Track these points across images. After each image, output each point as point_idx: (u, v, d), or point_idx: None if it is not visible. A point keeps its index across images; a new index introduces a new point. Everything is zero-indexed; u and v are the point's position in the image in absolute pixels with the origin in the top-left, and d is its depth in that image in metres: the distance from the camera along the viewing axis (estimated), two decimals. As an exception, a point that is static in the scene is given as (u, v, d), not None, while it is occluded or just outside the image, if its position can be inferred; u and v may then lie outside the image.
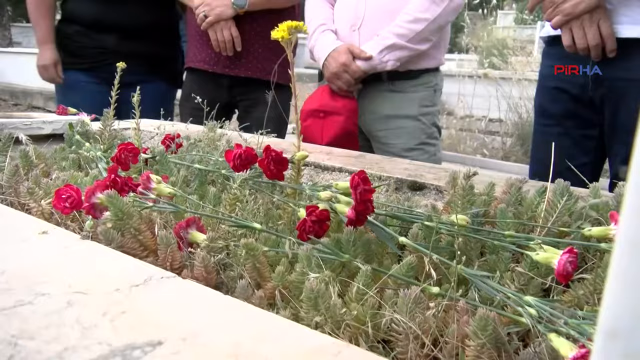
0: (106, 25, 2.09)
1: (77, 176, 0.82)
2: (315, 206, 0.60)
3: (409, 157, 1.45)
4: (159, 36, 2.20)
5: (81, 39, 2.12)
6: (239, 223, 0.57)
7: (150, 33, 2.16)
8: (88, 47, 2.12)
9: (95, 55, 2.11)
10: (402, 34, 1.50)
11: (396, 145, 1.59)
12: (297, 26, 0.58)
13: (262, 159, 0.66)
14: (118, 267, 0.47)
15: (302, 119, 1.56)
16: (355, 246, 0.60)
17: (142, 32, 2.13)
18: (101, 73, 2.10)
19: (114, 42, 2.10)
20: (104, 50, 2.10)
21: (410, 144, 1.58)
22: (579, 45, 1.27)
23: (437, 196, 0.91)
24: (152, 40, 2.16)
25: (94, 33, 2.10)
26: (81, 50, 2.12)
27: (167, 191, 0.61)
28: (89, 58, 2.12)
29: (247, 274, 0.55)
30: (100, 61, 2.11)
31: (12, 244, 0.50)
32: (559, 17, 1.25)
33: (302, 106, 1.64)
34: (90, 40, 2.11)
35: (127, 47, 2.09)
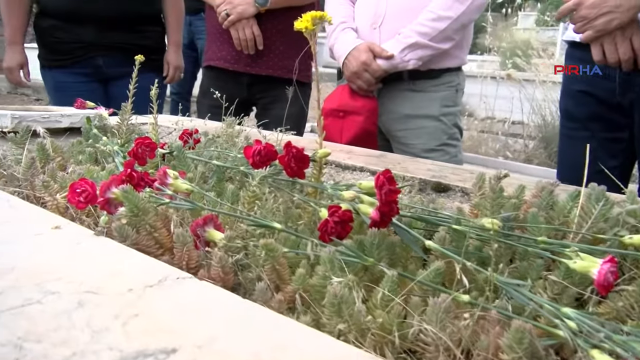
0: (82, 18, 1.98)
1: (93, 170, 0.80)
2: (337, 206, 0.57)
3: (429, 158, 1.41)
4: (141, 27, 2.11)
5: (58, 33, 2.02)
6: (258, 222, 0.54)
7: (131, 24, 2.07)
8: (66, 41, 2.02)
9: (75, 50, 2.02)
10: (424, 33, 1.46)
11: (416, 145, 1.56)
12: (321, 16, 0.55)
13: (282, 156, 0.63)
14: (132, 265, 0.44)
15: None
16: (380, 249, 0.57)
17: (121, 23, 2.04)
18: (85, 68, 2.05)
19: (92, 34, 2.00)
20: (83, 44, 2.02)
21: (430, 145, 1.55)
22: (610, 59, 1.22)
23: (463, 198, 0.87)
24: (134, 31, 2.08)
25: (70, 26, 1.99)
26: (60, 46, 2.03)
27: (184, 187, 0.59)
28: (69, 53, 2.03)
29: (266, 275, 0.53)
30: (81, 56, 2.03)
31: (24, 238, 0.48)
32: (590, 33, 1.20)
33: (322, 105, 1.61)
34: (68, 34, 2.01)
35: (107, 40, 2.02)
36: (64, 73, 2.05)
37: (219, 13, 1.89)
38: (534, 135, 3.38)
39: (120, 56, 2.04)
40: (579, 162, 1.38)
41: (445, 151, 1.55)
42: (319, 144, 0.63)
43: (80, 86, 2.03)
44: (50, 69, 2.08)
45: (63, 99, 1.92)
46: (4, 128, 1.03)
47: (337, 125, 1.51)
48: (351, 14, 1.66)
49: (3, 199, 0.59)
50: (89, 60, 2.05)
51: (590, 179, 0.70)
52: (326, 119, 1.52)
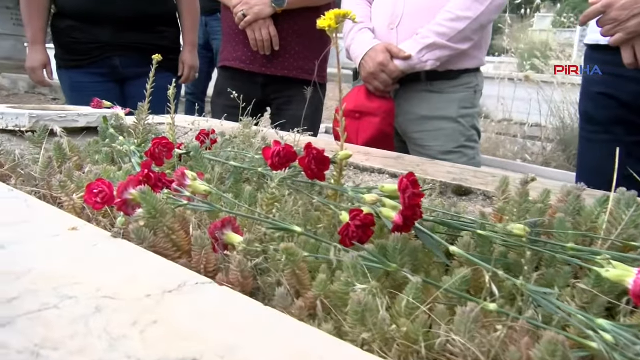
0: (99, 18, 2.00)
1: (110, 170, 0.80)
2: (359, 210, 0.56)
3: (447, 160, 1.39)
4: (157, 27, 2.12)
5: (75, 33, 2.03)
6: (278, 225, 0.53)
7: (148, 24, 2.08)
8: (83, 42, 2.03)
9: (92, 50, 2.04)
10: (442, 33, 1.44)
11: (433, 147, 1.53)
12: (344, 14, 0.54)
13: (302, 158, 0.61)
14: (150, 269, 0.43)
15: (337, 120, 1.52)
16: (402, 254, 0.55)
17: (138, 24, 2.05)
18: (101, 69, 2.06)
19: (109, 35, 2.02)
20: (100, 45, 2.03)
21: (448, 147, 1.52)
22: None
23: (485, 202, 0.85)
24: (150, 32, 2.09)
25: (87, 27, 2.01)
26: (77, 46, 2.04)
27: (202, 189, 0.57)
28: (86, 54, 2.04)
29: (286, 280, 0.51)
30: (98, 56, 2.05)
31: (41, 239, 0.47)
32: (620, 35, 1.17)
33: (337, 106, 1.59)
34: (85, 34, 2.02)
35: (124, 40, 2.03)
36: (81, 73, 2.07)
37: (236, 13, 1.88)
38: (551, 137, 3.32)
39: (136, 56, 2.05)
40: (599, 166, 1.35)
41: (463, 153, 1.53)
42: (340, 146, 0.62)
43: (97, 86, 2.04)
44: (67, 69, 2.09)
45: (79, 99, 1.93)
46: (22, 127, 1.03)
47: (353, 127, 1.49)
48: (368, 15, 1.64)
49: (21, 198, 0.59)
50: (106, 60, 2.06)
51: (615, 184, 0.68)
52: (342, 120, 1.51)
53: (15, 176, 0.78)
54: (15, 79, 8.64)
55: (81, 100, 1.33)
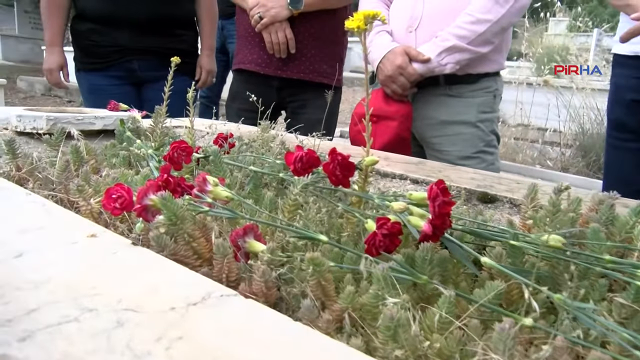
0: (118, 21, 2.00)
1: (127, 174, 0.78)
2: (386, 218, 0.53)
3: (466, 165, 1.36)
4: (175, 30, 2.12)
5: (94, 36, 2.04)
6: (303, 234, 0.51)
7: (166, 28, 2.08)
8: (102, 45, 2.04)
9: (111, 53, 2.04)
10: (462, 36, 1.41)
11: (451, 152, 1.51)
12: (374, 15, 0.52)
13: (327, 163, 0.59)
14: (172, 279, 0.41)
15: (354, 123, 1.49)
16: (432, 265, 0.53)
17: (157, 27, 2.05)
18: (118, 72, 2.06)
19: (127, 38, 2.02)
20: (118, 48, 2.03)
21: (467, 152, 1.49)
22: None
23: (511, 210, 0.82)
24: (169, 35, 2.08)
25: (107, 30, 2.01)
26: (96, 49, 2.05)
27: (224, 195, 0.56)
28: (105, 57, 2.05)
29: (311, 291, 0.49)
30: (116, 59, 2.05)
31: (60, 246, 0.45)
32: None
33: (354, 109, 1.57)
34: (104, 38, 2.02)
35: (142, 43, 2.03)
36: (99, 76, 2.07)
37: (252, 16, 1.87)
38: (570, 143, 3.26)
39: (154, 60, 2.05)
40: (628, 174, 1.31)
41: (482, 159, 1.50)
42: (365, 152, 0.60)
43: (115, 89, 2.04)
44: (86, 72, 2.10)
45: (97, 101, 1.93)
46: (39, 130, 1.02)
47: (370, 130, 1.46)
48: (386, 17, 1.62)
49: (38, 203, 0.57)
50: (124, 63, 2.06)
51: (642, 194, 0.65)
52: (359, 124, 1.48)
53: (33, 179, 0.77)
54: (32, 81, 8.75)
55: (99, 103, 1.32)
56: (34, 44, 10.80)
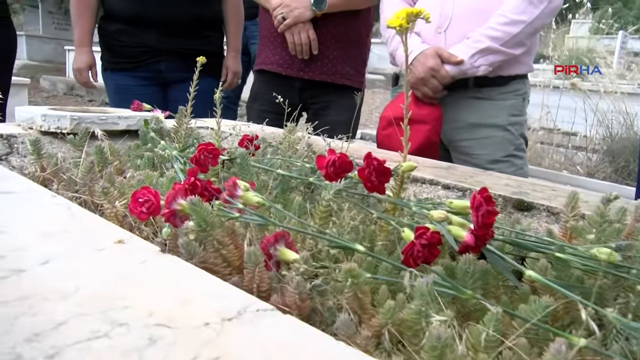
0: (146, 22, 2.00)
1: (152, 176, 0.77)
2: (425, 227, 0.51)
3: (495, 169, 1.32)
4: (203, 32, 2.11)
5: (122, 37, 2.04)
6: (339, 243, 0.48)
7: (194, 29, 2.07)
8: (129, 45, 2.04)
9: (139, 54, 2.05)
10: (496, 37, 1.37)
11: (480, 156, 1.47)
12: (417, 13, 0.49)
13: (362, 169, 0.57)
14: (204, 290, 0.39)
15: (382, 127, 1.46)
16: (474, 278, 0.50)
17: (184, 28, 2.05)
18: (145, 72, 2.07)
19: (155, 39, 2.02)
20: (146, 49, 2.04)
21: (496, 156, 1.45)
22: None
23: (549, 219, 0.79)
24: (196, 36, 2.08)
25: (134, 30, 2.02)
26: (123, 49, 2.05)
27: (255, 200, 0.53)
28: (133, 57, 2.05)
29: (347, 304, 0.46)
30: (144, 60, 2.05)
31: (86, 253, 0.43)
32: None
33: (382, 113, 1.53)
34: (132, 38, 2.03)
35: (169, 44, 2.03)
36: (126, 76, 2.08)
37: (275, 16, 1.85)
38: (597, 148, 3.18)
39: (181, 61, 2.05)
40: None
41: (511, 162, 1.46)
42: (403, 157, 0.57)
43: (141, 89, 2.05)
44: (113, 72, 2.11)
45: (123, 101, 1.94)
46: (63, 129, 1.01)
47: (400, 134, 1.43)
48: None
49: (63, 205, 0.56)
50: (152, 64, 2.06)
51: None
52: (388, 128, 1.45)
53: (57, 180, 0.76)
54: (55, 80, 8.88)
55: (125, 103, 1.32)
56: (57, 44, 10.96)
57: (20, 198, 0.57)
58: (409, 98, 0.57)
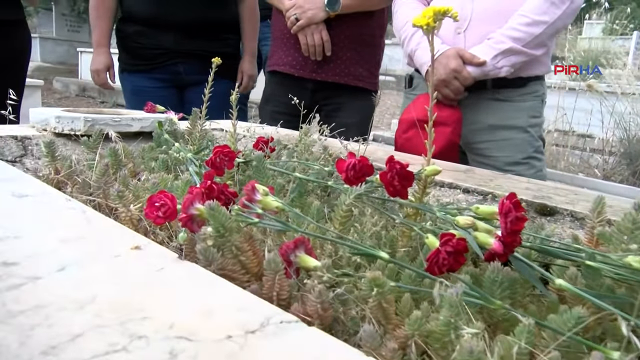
0: (164, 24, 2.00)
1: (166, 179, 0.76)
2: (451, 234, 0.49)
3: (514, 172, 1.30)
4: (220, 34, 2.10)
5: (140, 38, 2.04)
6: (362, 250, 0.46)
7: (211, 31, 2.06)
8: (147, 47, 2.04)
9: (157, 56, 2.04)
10: (518, 38, 1.34)
11: (499, 158, 1.44)
12: (444, 11, 0.47)
13: (384, 173, 0.55)
14: (225, 300, 0.37)
15: (403, 130, 1.44)
16: (502, 287, 0.48)
17: (202, 30, 2.04)
18: (162, 74, 2.07)
19: (172, 41, 2.02)
20: (164, 51, 2.03)
21: (516, 158, 1.42)
22: None
23: (573, 224, 0.76)
24: (213, 39, 2.07)
25: (152, 32, 2.02)
26: (140, 51, 2.06)
27: (274, 205, 0.52)
28: (150, 59, 2.05)
29: (371, 313, 0.45)
30: (161, 62, 2.05)
31: (102, 260, 0.42)
32: None
33: (401, 115, 1.51)
34: (150, 40, 2.03)
35: (186, 46, 2.03)
36: (143, 78, 2.08)
37: (288, 17, 1.84)
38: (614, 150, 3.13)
39: (199, 63, 2.04)
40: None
41: (530, 165, 1.43)
42: (427, 161, 0.55)
43: (158, 91, 2.05)
44: (130, 73, 2.11)
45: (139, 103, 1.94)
46: (77, 131, 1.00)
47: (422, 137, 1.40)
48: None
49: (78, 209, 0.54)
50: (169, 66, 2.06)
51: None
52: (408, 131, 1.43)
53: (71, 183, 0.75)
54: (67, 82, 8.95)
55: (141, 105, 1.31)
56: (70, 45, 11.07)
57: (34, 201, 0.56)
58: (434, 99, 0.55)
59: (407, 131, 1.42)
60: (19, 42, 2.74)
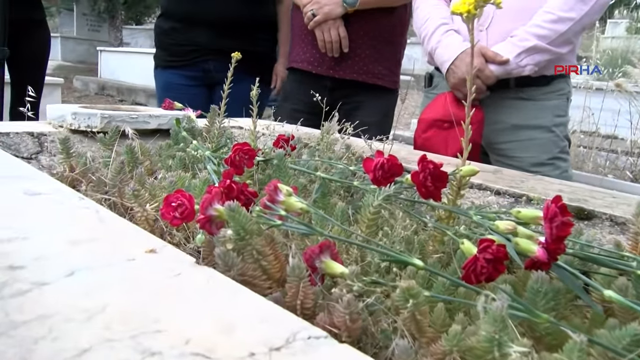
0: (198, 21, 1.99)
1: (184, 177, 0.73)
2: (491, 240, 0.45)
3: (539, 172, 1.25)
4: (254, 33, 2.07)
5: (174, 35, 2.05)
6: (395, 257, 0.43)
7: (245, 29, 2.04)
8: (180, 43, 2.04)
9: (189, 52, 2.04)
10: (543, 35, 1.29)
11: (523, 159, 1.39)
12: (486, -2, 0.43)
13: (416, 173, 0.51)
14: (246, 311, 0.34)
15: (422, 130, 1.39)
16: (546, 298, 0.44)
17: (236, 29, 2.01)
18: (193, 71, 2.05)
19: (205, 38, 2.00)
20: (197, 48, 2.02)
21: (541, 158, 1.37)
22: None
23: (613, 229, 0.72)
24: (247, 37, 2.04)
25: (187, 29, 2.01)
26: (173, 47, 2.06)
27: (298, 206, 0.48)
28: (183, 56, 2.05)
29: (403, 325, 0.41)
30: (193, 59, 2.04)
31: (115, 264, 0.39)
32: None
33: (421, 115, 1.47)
34: (184, 37, 2.03)
35: (220, 44, 2.00)
36: (175, 74, 2.08)
37: (305, 13, 1.81)
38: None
39: (228, 61, 2.02)
40: None
41: (556, 165, 1.38)
42: (462, 160, 0.51)
43: (187, 89, 2.04)
44: (162, 69, 2.11)
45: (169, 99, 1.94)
46: (93, 128, 0.98)
47: (442, 137, 1.36)
48: (449, 15, 1.51)
49: (92, 209, 0.52)
50: (201, 63, 2.05)
51: None
52: (428, 131, 1.38)
53: (86, 181, 0.72)
54: (87, 81, 9.05)
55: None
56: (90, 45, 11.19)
57: (47, 200, 0.54)
58: (471, 96, 0.51)
59: (426, 131, 1.38)
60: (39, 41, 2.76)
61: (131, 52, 9.50)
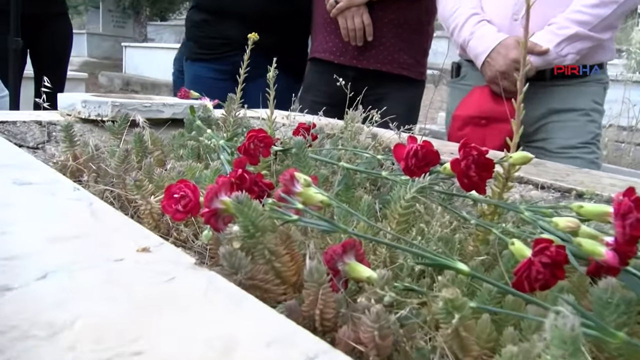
0: (231, 14, 1.96)
1: (195, 168, 0.66)
2: (548, 240, 0.37)
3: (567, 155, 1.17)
4: (287, 28, 2.02)
5: (205, 27, 2.02)
6: (435, 260, 0.35)
7: (278, 24, 1.98)
8: (211, 36, 2.01)
9: (218, 46, 2.00)
10: (584, 22, 1.19)
11: (555, 141, 1.29)
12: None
13: (456, 160, 0.44)
14: (252, 328, 0.27)
15: (458, 127, 1.31)
16: (618, 312, 0.36)
17: (268, 23, 1.94)
18: (223, 65, 2.01)
19: (236, 32, 1.94)
20: (227, 41, 1.98)
21: (572, 142, 1.28)
22: None
23: (678, 228, 0.63)
24: (279, 32, 1.97)
25: (217, 22, 1.98)
26: (204, 40, 2.03)
27: (318, 198, 0.41)
28: (213, 49, 2.01)
29: (444, 343, 0.34)
30: (223, 52, 2.00)
31: (99, 264, 0.33)
32: None
33: (455, 111, 1.38)
34: (213, 29, 2.00)
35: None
36: (204, 67, 2.05)
37: (328, 0, 1.74)
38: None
39: (260, 56, 1.97)
40: None
41: (590, 149, 1.28)
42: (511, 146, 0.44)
43: (216, 82, 2.01)
44: (192, 62, 2.08)
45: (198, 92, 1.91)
46: (104, 116, 0.93)
47: (478, 134, 1.27)
48: (479, 4, 1.41)
49: (85, 201, 0.46)
50: (230, 57, 2.01)
51: None
52: (464, 128, 1.30)
53: (89, 171, 0.67)
54: (112, 76, 9.14)
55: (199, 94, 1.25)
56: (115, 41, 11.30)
57: (37, 190, 0.48)
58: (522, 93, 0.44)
59: (462, 128, 1.29)
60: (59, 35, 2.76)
61: (155, 48, 9.57)
